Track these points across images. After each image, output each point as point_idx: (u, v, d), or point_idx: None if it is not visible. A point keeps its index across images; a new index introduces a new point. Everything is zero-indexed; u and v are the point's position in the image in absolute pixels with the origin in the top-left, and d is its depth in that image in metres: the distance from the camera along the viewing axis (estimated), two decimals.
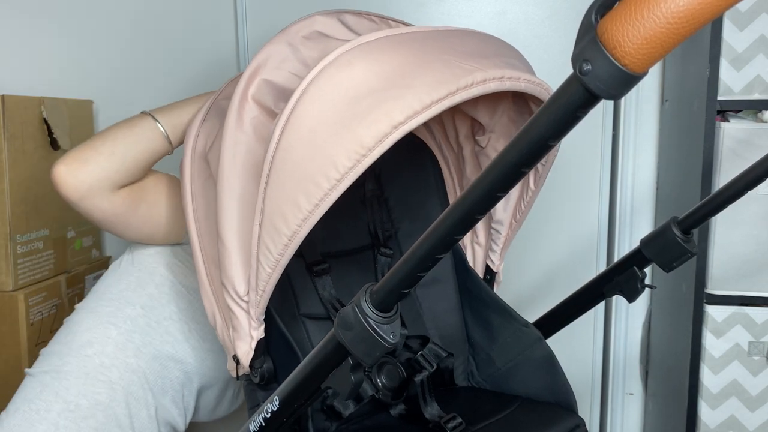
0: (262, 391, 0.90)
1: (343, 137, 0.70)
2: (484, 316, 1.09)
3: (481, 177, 0.52)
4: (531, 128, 0.47)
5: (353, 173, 0.69)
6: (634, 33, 0.40)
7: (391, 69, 0.73)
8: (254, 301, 0.84)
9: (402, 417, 1.01)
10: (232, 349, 0.89)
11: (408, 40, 0.77)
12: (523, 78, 0.78)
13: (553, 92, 0.46)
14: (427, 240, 0.57)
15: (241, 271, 0.84)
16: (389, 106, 0.69)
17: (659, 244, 0.96)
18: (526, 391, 1.03)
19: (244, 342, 0.87)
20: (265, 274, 0.79)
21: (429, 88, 0.71)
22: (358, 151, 0.69)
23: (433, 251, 0.57)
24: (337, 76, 0.72)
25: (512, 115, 0.99)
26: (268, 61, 0.85)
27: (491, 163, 0.51)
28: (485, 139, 1.03)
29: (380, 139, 0.69)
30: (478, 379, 1.13)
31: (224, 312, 0.90)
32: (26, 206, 1.30)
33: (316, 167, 0.71)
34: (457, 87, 0.72)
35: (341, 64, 0.72)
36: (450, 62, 0.74)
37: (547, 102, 0.46)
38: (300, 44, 0.86)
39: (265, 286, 0.80)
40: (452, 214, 0.55)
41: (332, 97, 0.72)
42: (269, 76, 0.84)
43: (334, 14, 0.90)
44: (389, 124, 0.69)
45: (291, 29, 0.87)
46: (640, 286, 0.99)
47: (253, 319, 0.86)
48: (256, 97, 0.84)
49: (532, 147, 0.47)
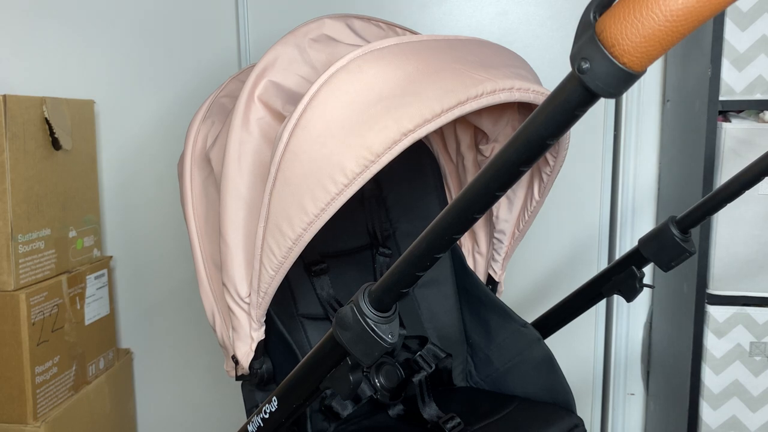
0: (261, 391, 0.90)
1: (352, 142, 0.70)
2: (482, 317, 1.09)
3: (479, 176, 0.52)
4: (529, 127, 0.47)
5: (361, 179, 0.70)
6: (633, 31, 0.39)
7: (402, 76, 0.73)
8: (256, 302, 0.84)
9: (400, 417, 1.01)
10: (231, 349, 0.89)
11: (419, 49, 0.78)
12: (532, 89, 0.79)
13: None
14: (426, 239, 0.57)
15: (243, 272, 0.84)
16: (399, 113, 0.70)
17: (657, 243, 0.96)
18: (524, 391, 1.03)
19: (244, 343, 0.87)
20: (267, 276, 0.79)
21: (439, 97, 0.71)
22: (366, 157, 0.69)
23: (431, 250, 0.57)
24: (348, 82, 0.72)
25: (516, 125, 1.00)
26: (276, 62, 0.85)
27: (489, 162, 0.51)
28: (489, 148, 1.03)
29: (389, 146, 0.69)
30: (477, 380, 1.13)
31: (224, 312, 0.90)
32: (28, 206, 1.30)
33: (324, 171, 0.71)
34: (467, 97, 0.72)
35: (352, 69, 0.72)
36: (460, 72, 0.75)
37: (545, 101, 0.46)
38: (308, 47, 0.86)
39: (267, 289, 0.80)
40: (450, 213, 0.55)
41: (342, 103, 0.72)
42: (276, 78, 0.84)
43: (342, 18, 0.90)
44: (398, 131, 0.69)
45: (299, 31, 0.87)
46: (639, 286, 0.99)
47: (253, 320, 0.86)
48: (263, 98, 0.84)
49: (531, 145, 0.47)
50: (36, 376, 1.30)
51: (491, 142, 1.02)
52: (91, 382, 1.50)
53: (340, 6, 1.52)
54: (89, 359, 1.50)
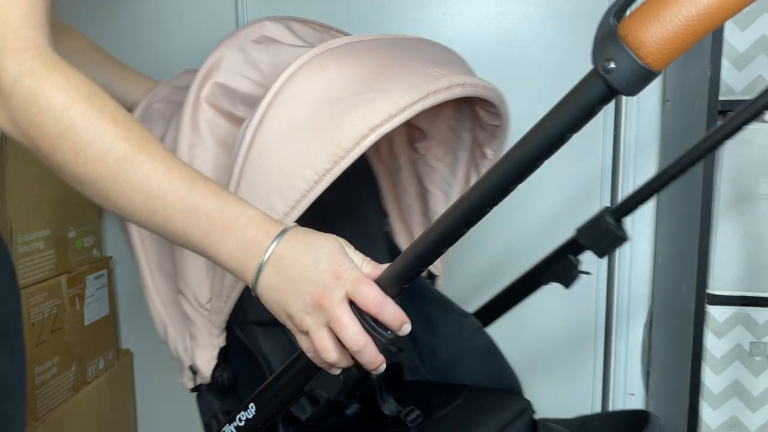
0: (220, 401, 0.88)
1: (319, 139, 0.70)
2: (423, 311, 1.09)
3: (493, 170, 0.53)
4: (548, 121, 0.50)
5: (331, 175, 0.70)
6: (658, 34, 0.44)
7: (364, 73, 0.74)
8: (218, 308, 0.82)
9: (357, 416, 1.02)
10: (189, 359, 0.87)
11: (374, 47, 0.79)
12: (481, 85, 0.81)
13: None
14: (432, 233, 0.58)
15: (203, 277, 0.82)
16: (365, 108, 0.71)
17: (594, 232, 1.02)
18: (472, 379, 1.05)
19: (204, 351, 0.86)
20: (231, 279, 0.77)
21: (402, 91, 0.72)
22: (336, 153, 0.69)
23: (438, 245, 0.58)
24: (311, 79, 0.73)
25: (452, 124, 1.01)
26: (221, 64, 0.84)
27: (504, 156, 0.52)
28: (425, 146, 1.04)
29: (357, 141, 0.70)
30: (423, 373, 1.13)
31: (177, 321, 0.87)
32: (27, 206, 1.30)
33: (292, 169, 0.71)
34: (427, 92, 0.73)
35: (313, 67, 0.73)
36: (417, 68, 0.76)
37: (564, 98, 0.49)
38: (251, 48, 0.85)
39: (231, 292, 0.79)
40: (461, 207, 0.56)
41: (307, 100, 0.72)
42: (221, 79, 0.84)
43: (281, 20, 0.90)
44: (366, 126, 0.70)
45: (240, 33, 0.87)
46: (575, 273, 1.04)
47: (215, 326, 0.85)
48: (209, 99, 0.84)
49: (549, 140, 0.50)
50: (36, 376, 1.30)
51: (428, 140, 1.03)
52: (90, 382, 1.50)
53: (334, 5, 1.52)
54: (89, 360, 1.50)
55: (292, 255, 0.59)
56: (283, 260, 0.59)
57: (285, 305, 0.60)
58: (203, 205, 0.59)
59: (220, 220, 0.60)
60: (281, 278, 0.59)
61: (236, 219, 0.60)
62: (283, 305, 0.60)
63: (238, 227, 0.60)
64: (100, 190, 0.60)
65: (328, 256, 0.60)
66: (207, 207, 0.60)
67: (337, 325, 0.58)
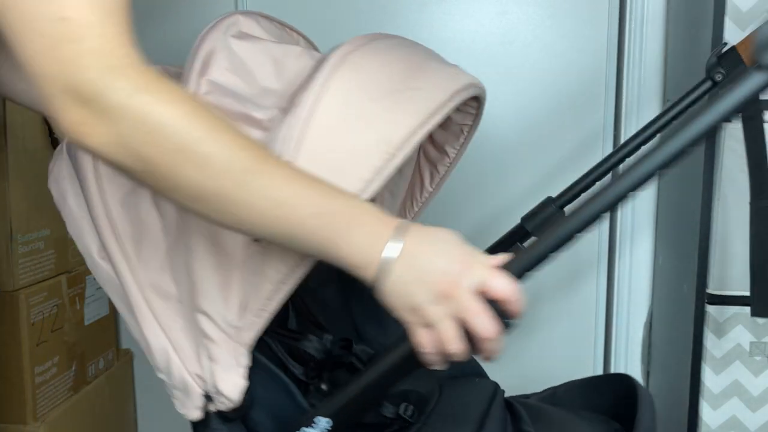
0: (226, 426, 0.79)
1: (370, 137, 0.70)
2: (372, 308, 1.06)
3: (645, 157, 0.60)
4: (708, 113, 0.59)
5: (384, 173, 0.69)
6: None
7: (399, 71, 0.74)
8: (248, 324, 0.75)
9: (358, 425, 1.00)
10: (203, 384, 0.78)
11: (395, 45, 0.79)
12: (480, 85, 0.81)
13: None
14: (572, 220, 0.63)
15: (232, 293, 0.75)
16: (408, 106, 0.71)
17: (539, 219, 1.10)
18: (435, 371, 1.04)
19: (232, 373, 0.77)
20: (268, 291, 0.72)
21: (436, 89, 0.72)
22: (387, 151, 0.69)
23: (574, 230, 0.63)
24: (353, 78, 0.72)
25: None
26: (210, 61, 0.83)
27: (657, 145, 0.59)
28: None
29: (407, 138, 0.69)
30: None
31: (186, 345, 0.79)
32: (27, 206, 1.30)
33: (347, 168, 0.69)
34: (455, 89, 0.74)
35: (353, 65, 0.73)
36: (438, 68, 0.77)
37: (723, 91, 0.59)
38: (233, 44, 0.84)
39: (267, 305, 0.73)
40: (606, 191, 0.62)
41: (353, 98, 0.71)
42: (215, 77, 0.81)
43: (251, 15, 0.89)
44: (412, 123, 0.70)
45: (220, 26, 0.85)
46: None
47: (241, 344, 0.76)
48: (210, 99, 0.80)
49: (708, 130, 0.59)
50: (36, 376, 1.30)
51: None
52: (90, 382, 1.50)
53: (337, 5, 1.52)
54: (89, 359, 1.50)
55: (419, 247, 0.61)
56: (410, 252, 0.60)
57: (411, 297, 0.61)
58: (330, 205, 0.61)
59: (344, 218, 0.61)
60: (409, 270, 0.60)
61: (360, 215, 0.61)
62: (408, 297, 0.61)
63: (362, 222, 0.61)
64: (225, 204, 0.59)
65: (455, 247, 0.62)
66: (333, 206, 0.61)
67: (469, 313, 0.59)
